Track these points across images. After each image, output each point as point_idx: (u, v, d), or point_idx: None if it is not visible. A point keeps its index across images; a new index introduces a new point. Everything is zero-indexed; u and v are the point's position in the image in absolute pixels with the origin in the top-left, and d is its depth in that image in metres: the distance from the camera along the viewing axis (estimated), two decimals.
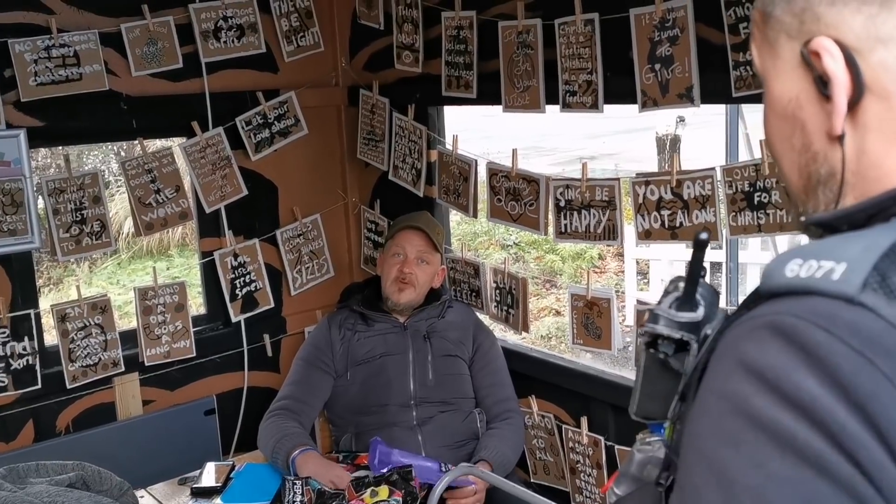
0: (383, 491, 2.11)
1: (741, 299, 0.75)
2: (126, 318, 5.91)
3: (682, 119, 8.31)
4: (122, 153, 10.00)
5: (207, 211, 2.80)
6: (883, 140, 0.63)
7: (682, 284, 0.79)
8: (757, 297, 0.61)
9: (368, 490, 2.13)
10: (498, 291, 2.70)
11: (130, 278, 8.25)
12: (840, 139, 0.64)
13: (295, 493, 2.18)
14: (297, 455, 2.31)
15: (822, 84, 0.64)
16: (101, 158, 9.99)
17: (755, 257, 6.13)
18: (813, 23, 0.64)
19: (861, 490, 0.51)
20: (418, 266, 2.55)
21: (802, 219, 0.70)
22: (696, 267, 0.77)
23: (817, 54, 0.64)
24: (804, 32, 0.65)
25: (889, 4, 0.61)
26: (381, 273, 2.63)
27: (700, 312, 0.77)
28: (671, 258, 6.57)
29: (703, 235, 0.76)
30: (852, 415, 0.51)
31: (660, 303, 0.79)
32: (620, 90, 2.17)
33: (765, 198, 1.95)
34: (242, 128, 2.83)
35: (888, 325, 0.53)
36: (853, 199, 0.66)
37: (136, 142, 2.72)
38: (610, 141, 12.07)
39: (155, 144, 3.41)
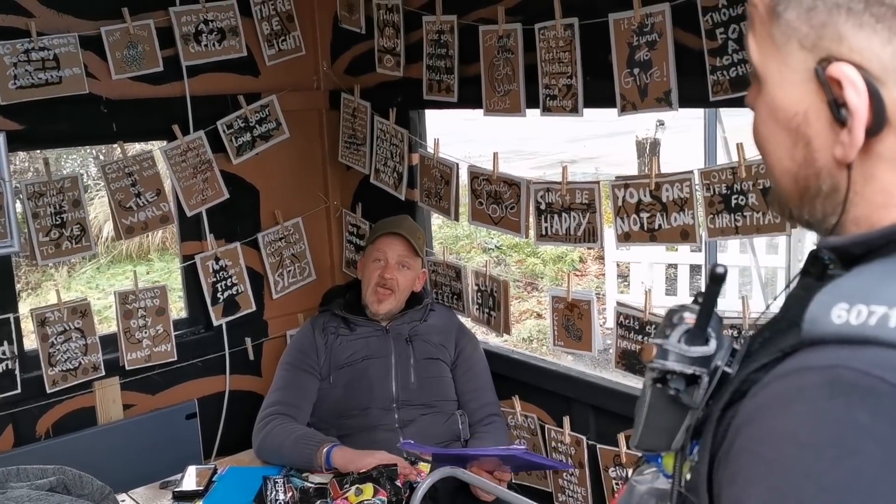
0: (368, 489, 2.12)
1: (720, 302, 0.75)
2: (106, 323, 5.87)
3: (661, 123, 8.39)
4: (101, 157, 9.94)
5: (189, 214, 2.79)
6: (892, 170, 0.62)
7: (687, 315, 0.75)
8: (800, 342, 0.58)
9: (353, 488, 2.13)
10: (479, 294, 2.71)
11: (110, 283, 8.19)
12: (848, 164, 0.63)
13: (277, 491, 2.17)
14: (334, 448, 2.32)
15: (837, 108, 0.61)
16: (80, 162, 9.92)
17: (734, 259, 6.19)
18: (833, 41, 0.61)
19: None
20: (399, 271, 2.56)
21: (815, 244, 0.67)
22: (711, 300, 0.74)
23: (839, 83, 0.61)
24: (821, 48, 0.62)
25: None
26: (362, 277, 2.63)
27: (712, 346, 0.74)
28: (651, 261, 6.62)
29: (720, 270, 0.74)
30: None
31: (667, 336, 0.75)
32: (600, 94, 2.19)
33: (742, 200, 1.98)
34: (224, 131, 2.83)
35: None
36: (853, 217, 0.64)
37: (116, 145, 2.71)
38: (590, 145, 12.14)
39: (135, 148, 3.39)
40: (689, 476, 0.70)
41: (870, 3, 0.59)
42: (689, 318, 0.75)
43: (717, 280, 0.73)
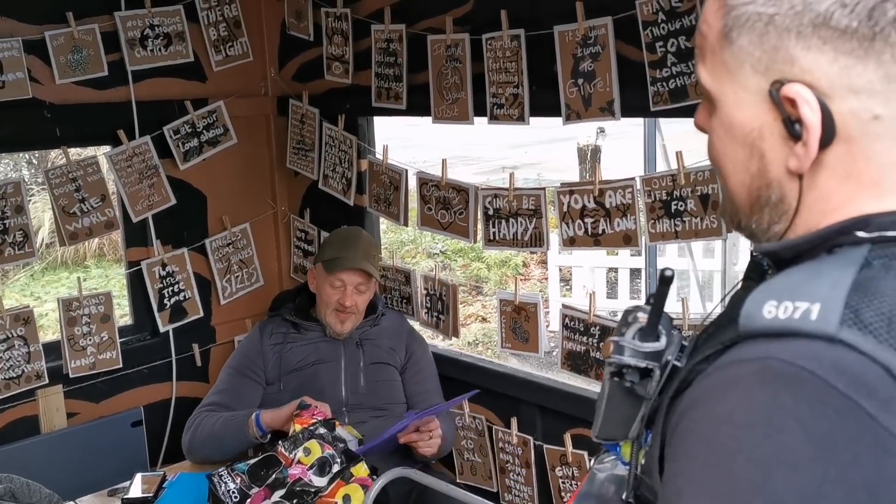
0: (314, 447, 2.13)
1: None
2: (43, 331, 5.74)
3: (602, 130, 8.56)
4: (34, 160, 9.68)
5: (134, 220, 2.77)
6: (836, 178, 0.67)
7: (641, 315, 0.82)
8: (737, 336, 0.63)
9: (300, 450, 2.14)
10: (428, 298, 2.76)
11: (45, 290, 7.99)
12: (800, 175, 0.68)
13: (225, 483, 2.15)
14: (260, 413, 2.40)
15: (791, 124, 0.66)
16: (13, 166, 9.66)
17: (672, 263, 6.37)
18: (786, 63, 0.66)
19: None
20: (358, 295, 2.57)
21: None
22: (661, 300, 0.81)
23: (793, 101, 0.65)
24: (774, 70, 0.66)
25: (865, 58, 0.63)
26: (317, 293, 2.61)
27: (663, 342, 0.81)
28: (593, 265, 6.75)
29: (669, 272, 0.81)
30: (842, 452, 0.54)
31: (623, 334, 0.81)
32: (545, 103, 2.25)
33: (681, 206, 2.06)
34: (170, 137, 2.82)
35: (866, 360, 0.56)
36: (798, 223, 0.70)
37: (55, 150, 2.67)
38: (532, 151, 12.30)
39: (80, 153, 3.35)
40: (643, 461, 0.76)
41: (817, 26, 0.64)
42: (643, 318, 0.81)
43: (665, 282, 0.80)
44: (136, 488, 2.34)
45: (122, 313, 3.48)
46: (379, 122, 2.95)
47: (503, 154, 12.19)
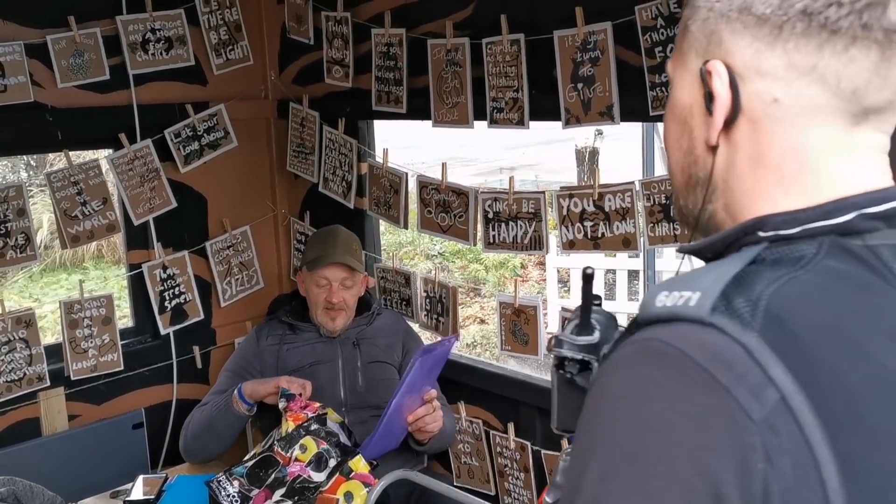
0: (310, 443, 2.15)
1: None
2: (42, 332, 5.74)
3: (600, 132, 8.59)
4: (33, 162, 9.68)
5: (136, 223, 2.78)
6: (747, 158, 0.73)
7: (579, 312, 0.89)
8: (636, 324, 0.70)
9: (297, 447, 2.16)
10: (428, 300, 2.77)
11: (44, 291, 7.99)
12: (714, 149, 0.74)
13: (224, 487, 2.17)
14: (240, 387, 2.43)
15: (709, 100, 0.73)
16: (11, 167, 9.66)
17: (670, 265, 6.39)
18: (716, 45, 0.72)
19: (707, 482, 0.60)
20: (345, 291, 2.59)
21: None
22: (587, 296, 0.88)
23: (710, 73, 0.72)
24: (708, 52, 0.73)
25: (773, 45, 0.69)
26: (307, 296, 2.64)
27: (596, 335, 0.88)
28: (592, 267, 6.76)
29: (589, 270, 0.88)
30: (700, 419, 0.61)
31: (563, 329, 0.89)
32: (545, 107, 2.27)
33: None
34: (171, 140, 2.83)
35: (729, 340, 0.62)
36: (722, 205, 0.76)
37: (58, 154, 2.68)
38: (530, 152, 12.33)
39: (81, 157, 3.36)
40: None
41: (742, 12, 0.70)
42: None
43: (587, 279, 0.89)
44: (137, 490, 2.35)
45: (122, 315, 3.49)
46: (378, 123, 2.96)
47: (501, 155, 12.22)
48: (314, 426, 2.20)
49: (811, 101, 0.69)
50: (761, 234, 0.70)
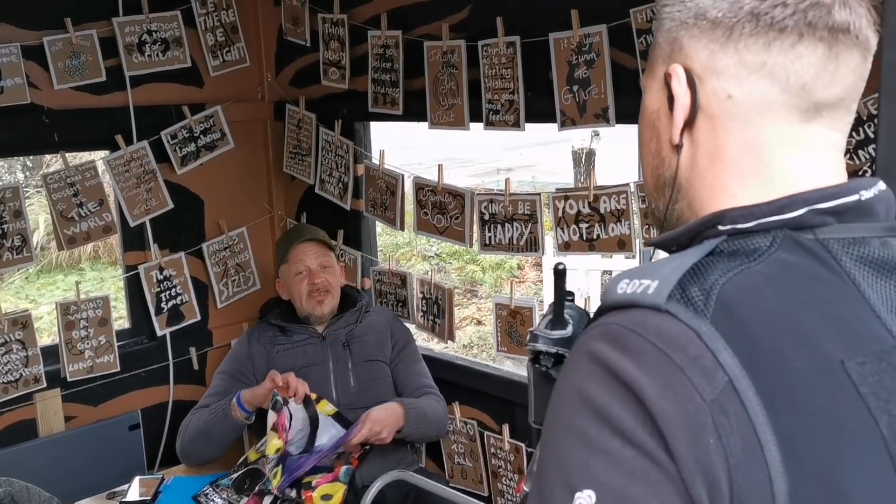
0: (278, 474, 2.22)
1: None
2: (38, 334, 5.74)
3: (596, 133, 8.60)
4: (29, 164, 9.68)
5: (132, 225, 2.79)
6: (707, 155, 0.76)
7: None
8: (599, 311, 0.73)
9: (271, 474, 2.22)
10: (424, 301, 2.78)
11: (40, 293, 7.99)
12: (678, 148, 0.77)
13: (213, 500, 2.20)
14: (239, 394, 2.44)
15: (672, 101, 0.76)
16: (7, 169, 9.65)
17: None
18: (678, 52, 0.76)
19: (655, 450, 0.63)
20: (325, 272, 2.61)
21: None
22: (559, 292, 0.91)
23: (670, 76, 0.76)
24: (671, 59, 0.77)
25: (726, 45, 0.73)
26: (291, 295, 2.66)
27: (569, 330, 0.90)
28: (587, 268, 6.78)
29: (561, 266, 0.91)
30: (656, 391, 0.64)
31: (538, 325, 0.91)
32: (541, 109, 2.28)
33: None
34: (168, 141, 2.83)
35: (683, 326, 0.65)
36: (686, 204, 0.79)
37: (54, 155, 2.69)
38: (526, 153, 12.33)
39: (77, 158, 3.36)
40: None
41: (698, 18, 0.74)
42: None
43: (559, 275, 0.93)
44: (134, 491, 2.36)
45: (119, 317, 3.49)
46: (374, 125, 2.97)
47: (497, 156, 12.22)
48: (289, 458, 2.27)
49: (763, 97, 0.73)
50: (720, 227, 0.73)
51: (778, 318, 0.66)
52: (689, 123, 0.76)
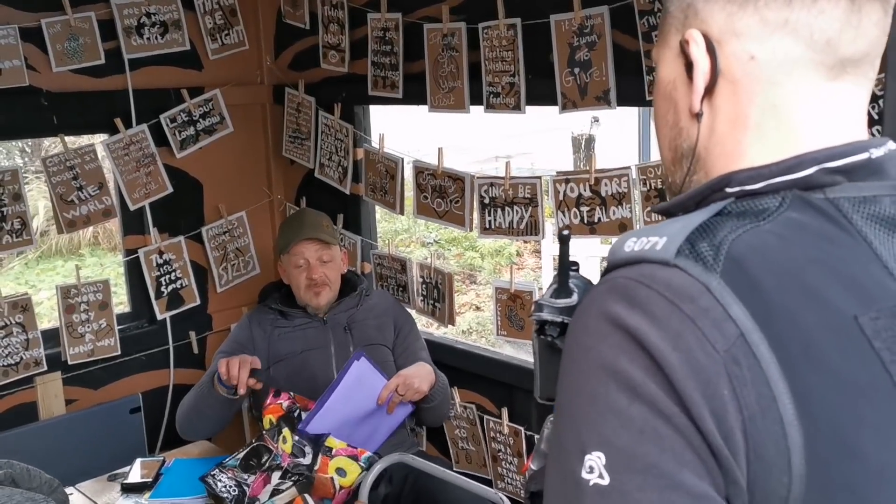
0: (287, 435, 2.22)
1: None
2: (39, 319, 5.75)
3: (596, 119, 8.58)
4: (28, 148, 9.65)
5: (132, 208, 2.78)
6: (727, 121, 0.74)
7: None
8: (606, 270, 0.73)
9: (280, 438, 2.23)
10: (424, 286, 2.77)
11: (40, 278, 7.98)
12: (698, 117, 0.76)
13: (220, 480, 2.19)
14: (218, 371, 2.40)
15: (690, 68, 0.75)
16: (6, 153, 9.62)
17: None
18: (693, 17, 0.75)
19: (666, 403, 0.62)
20: (323, 266, 2.60)
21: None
22: (564, 259, 0.89)
23: (687, 42, 0.74)
24: (686, 25, 0.75)
25: (745, 6, 0.71)
26: (290, 282, 2.66)
27: (575, 298, 0.89)
28: (588, 254, 6.77)
29: (565, 232, 0.89)
30: (667, 342, 0.63)
31: (543, 295, 0.90)
32: (542, 92, 2.27)
33: None
34: (167, 125, 2.82)
35: (693, 280, 0.65)
36: (703, 174, 0.77)
37: (53, 139, 2.68)
38: (526, 140, 12.30)
39: (77, 141, 3.35)
40: None
41: None
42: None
43: (563, 241, 0.91)
44: (135, 474, 2.36)
45: (119, 301, 3.49)
46: (374, 109, 2.96)
47: (497, 143, 12.18)
48: (285, 424, 2.24)
49: (787, 55, 0.71)
50: (728, 189, 0.72)
51: (789, 275, 0.65)
52: (709, 90, 0.74)
